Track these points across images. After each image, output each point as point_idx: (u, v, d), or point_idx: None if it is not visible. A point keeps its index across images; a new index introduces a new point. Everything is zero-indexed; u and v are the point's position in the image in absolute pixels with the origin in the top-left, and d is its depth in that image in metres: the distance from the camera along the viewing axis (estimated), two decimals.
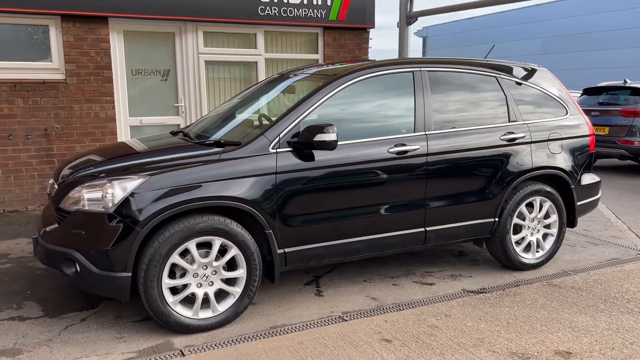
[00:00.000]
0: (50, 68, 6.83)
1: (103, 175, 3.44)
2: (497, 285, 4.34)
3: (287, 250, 3.68)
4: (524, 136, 4.47)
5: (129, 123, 7.37)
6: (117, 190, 3.27)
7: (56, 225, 3.52)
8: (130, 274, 3.25)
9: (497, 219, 4.43)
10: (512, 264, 4.59)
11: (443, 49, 52.73)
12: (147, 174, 3.34)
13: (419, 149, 4.04)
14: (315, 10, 8.16)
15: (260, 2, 7.74)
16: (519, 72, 4.73)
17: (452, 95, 4.36)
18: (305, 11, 8.09)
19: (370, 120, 4.05)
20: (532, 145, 4.51)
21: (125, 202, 3.25)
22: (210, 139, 3.98)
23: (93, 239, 3.29)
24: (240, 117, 4.49)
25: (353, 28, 8.57)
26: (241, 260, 3.52)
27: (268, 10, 7.82)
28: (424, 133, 4.11)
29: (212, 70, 7.82)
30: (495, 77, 4.54)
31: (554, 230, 4.73)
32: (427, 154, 4.07)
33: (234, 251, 3.49)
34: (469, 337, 3.39)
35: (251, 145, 3.61)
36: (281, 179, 3.59)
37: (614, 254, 5.13)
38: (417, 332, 3.45)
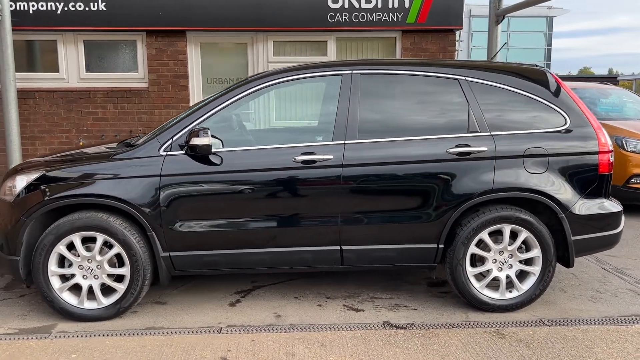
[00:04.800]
0: (136, 78, 7.80)
1: (21, 168, 3.89)
2: (434, 323, 3.68)
3: (173, 254, 3.68)
4: (485, 150, 3.71)
5: None
6: (18, 183, 3.68)
7: None
8: (18, 258, 3.62)
9: (441, 246, 3.76)
10: (470, 302, 3.85)
11: None
12: (44, 169, 3.68)
13: (331, 159, 3.66)
14: (390, 14, 7.80)
15: (329, 9, 7.71)
16: (500, 74, 3.93)
17: (391, 101, 3.85)
18: (379, 15, 7.80)
19: (283, 126, 3.81)
20: (497, 161, 3.72)
21: (21, 193, 3.64)
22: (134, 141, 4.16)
23: (3, 225, 3.74)
24: None
25: (436, 30, 7.96)
26: (125, 258, 3.64)
27: (338, 17, 7.74)
28: (342, 142, 3.71)
29: None
30: (457, 80, 3.86)
31: (536, 268, 3.82)
32: (342, 165, 3.67)
33: (116, 249, 3.63)
34: None
35: (143, 147, 3.71)
36: (166, 182, 3.61)
37: None
38: (264, 358, 3.16)
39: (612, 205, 3.90)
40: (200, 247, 3.69)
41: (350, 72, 3.84)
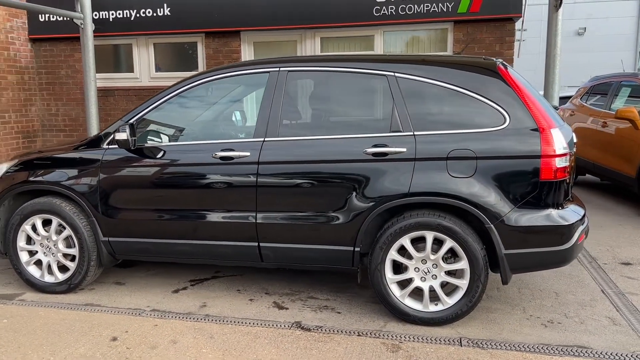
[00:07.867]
0: None
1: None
2: (341, 329, 3.55)
3: (111, 239, 4.03)
4: (403, 151, 3.47)
5: None
6: (1, 169, 4.31)
7: None
8: None
9: (357, 249, 3.61)
10: (390, 311, 3.64)
11: None
12: (21, 157, 4.26)
13: (248, 155, 3.71)
14: (440, 4, 7.39)
15: (375, 2, 7.54)
16: (437, 68, 3.61)
17: (317, 98, 3.78)
18: (427, 6, 7.43)
19: (208, 124, 3.95)
20: (417, 163, 3.45)
21: None
22: None
23: None
24: None
25: (491, 20, 7.36)
26: (74, 239, 4.08)
27: (384, 10, 7.54)
28: (260, 139, 3.74)
29: None
30: (386, 76, 3.64)
31: (464, 282, 3.48)
32: (258, 162, 3.69)
33: (67, 232, 4.08)
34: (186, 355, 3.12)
35: (92, 140, 4.10)
36: (103, 173, 3.96)
37: (600, 342, 3.36)
38: (148, 342, 3.36)
39: (560, 217, 3.39)
40: (132, 235, 3.99)
41: (277, 69, 3.83)
